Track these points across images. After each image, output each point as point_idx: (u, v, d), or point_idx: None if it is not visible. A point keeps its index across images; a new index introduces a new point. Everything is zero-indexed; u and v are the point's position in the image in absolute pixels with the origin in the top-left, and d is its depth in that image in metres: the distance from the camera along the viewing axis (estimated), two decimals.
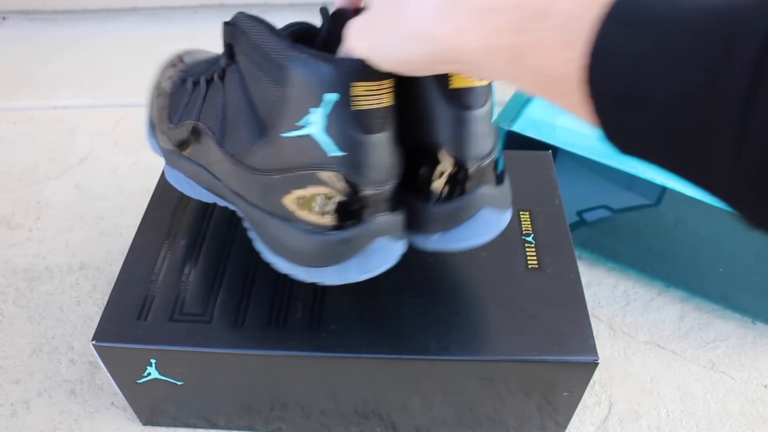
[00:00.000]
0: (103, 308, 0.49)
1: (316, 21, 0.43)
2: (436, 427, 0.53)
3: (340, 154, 0.35)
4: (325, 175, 0.36)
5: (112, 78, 1.04)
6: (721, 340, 0.64)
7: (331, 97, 0.33)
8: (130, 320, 0.48)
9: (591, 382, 0.50)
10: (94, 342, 0.47)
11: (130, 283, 0.51)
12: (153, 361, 0.48)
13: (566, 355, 0.45)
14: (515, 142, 0.65)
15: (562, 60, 0.23)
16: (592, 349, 0.45)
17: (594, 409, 0.58)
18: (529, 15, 0.23)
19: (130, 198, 0.80)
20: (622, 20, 0.21)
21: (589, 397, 0.59)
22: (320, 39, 0.39)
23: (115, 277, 0.51)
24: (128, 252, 0.53)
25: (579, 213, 0.68)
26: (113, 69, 1.07)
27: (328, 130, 0.34)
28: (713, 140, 0.20)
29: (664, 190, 0.61)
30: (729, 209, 0.21)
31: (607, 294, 0.68)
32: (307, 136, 0.35)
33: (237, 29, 0.38)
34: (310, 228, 0.38)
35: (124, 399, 0.53)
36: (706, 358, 0.62)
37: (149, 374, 0.49)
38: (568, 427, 0.54)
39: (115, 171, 0.85)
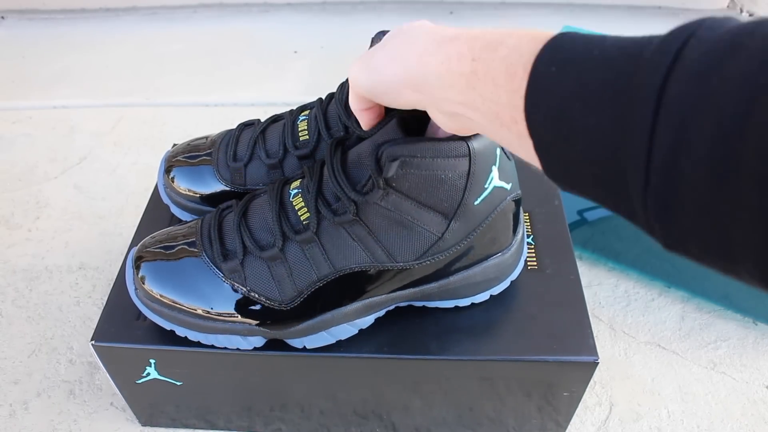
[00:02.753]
0: (103, 308, 0.49)
1: (316, 21, 0.43)
2: (436, 427, 0.53)
3: (513, 182, 0.43)
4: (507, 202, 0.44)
5: (111, 77, 1.04)
6: (723, 340, 0.64)
7: (496, 146, 0.39)
8: (130, 320, 0.48)
9: (591, 382, 0.50)
10: (93, 342, 0.46)
11: None
12: (152, 361, 0.48)
13: (566, 355, 0.45)
14: None
15: (509, 89, 0.25)
16: (592, 349, 0.45)
17: (595, 409, 0.58)
18: (484, 45, 0.26)
19: (130, 198, 0.80)
20: (553, 60, 0.23)
21: (589, 397, 0.59)
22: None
23: (115, 277, 0.51)
24: (127, 252, 0.53)
25: (580, 212, 0.68)
26: (113, 68, 1.07)
27: (500, 171, 0.41)
28: (626, 173, 0.21)
29: None
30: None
31: (608, 294, 0.68)
32: (494, 188, 0.41)
33: (404, 162, 0.37)
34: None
35: (124, 399, 0.53)
36: (707, 358, 0.62)
37: (148, 374, 0.49)
38: (569, 427, 0.54)
39: (115, 171, 0.85)
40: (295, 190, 0.43)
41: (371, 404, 0.51)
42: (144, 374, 0.49)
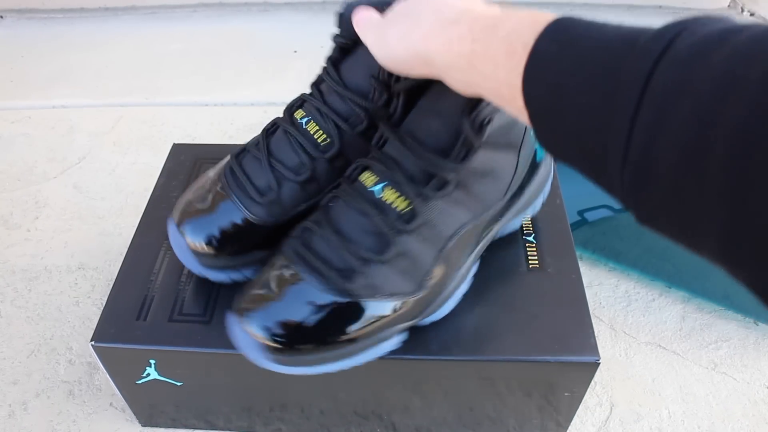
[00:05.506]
0: (102, 308, 0.48)
1: (316, 21, 0.43)
2: (437, 427, 0.53)
3: None
4: None
5: (110, 77, 1.04)
6: (723, 340, 0.63)
7: None
8: (130, 320, 0.47)
9: (592, 382, 0.50)
10: (93, 342, 0.46)
11: (129, 283, 0.50)
12: (152, 361, 0.48)
13: (567, 355, 0.45)
14: None
15: (507, 68, 0.27)
16: (594, 349, 0.45)
17: (595, 410, 0.58)
18: (484, 27, 0.28)
19: (129, 198, 0.80)
20: (554, 39, 0.25)
21: (590, 397, 0.58)
22: None
23: (114, 277, 0.51)
24: (127, 252, 0.53)
25: (580, 212, 0.67)
26: (112, 68, 1.06)
27: None
28: (608, 148, 0.23)
29: None
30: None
31: (609, 294, 0.68)
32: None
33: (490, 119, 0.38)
34: None
35: (123, 400, 0.53)
36: (707, 358, 0.62)
37: (148, 375, 0.49)
38: (569, 427, 0.54)
39: (114, 171, 0.84)
40: (379, 186, 0.41)
41: (371, 404, 0.51)
42: (144, 375, 0.49)
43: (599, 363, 0.45)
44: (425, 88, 0.41)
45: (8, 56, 1.10)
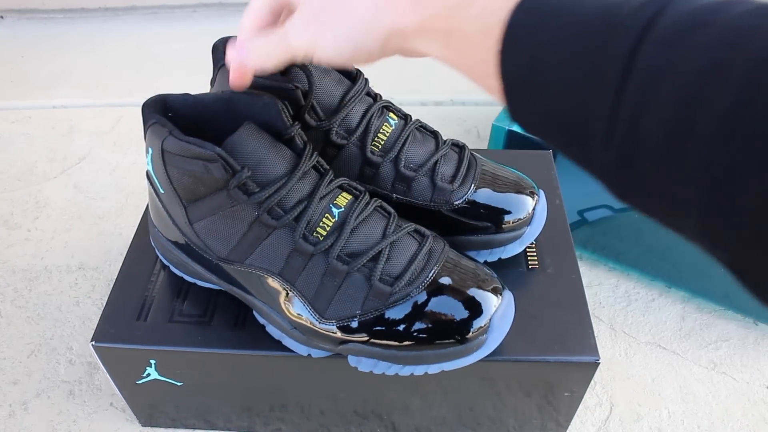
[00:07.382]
0: (102, 309, 0.49)
1: None
2: (437, 427, 0.53)
3: None
4: None
5: (110, 77, 1.04)
6: (723, 340, 0.64)
7: None
8: (130, 321, 0.47)
9: (592, 382, 0.50)
10: (93, 343, 0.46)
11: (129, 283, 0.50)
12: (152, 361, 0.48)
13: (567, 356, 0.45)
14: (516, 141, 0.64)
15: (483, 46, 0.26)
16: (593, 350, 0.45)
17: (595, 409, 0.58)
18: (456, 3, 0.27)
19: (129, 198, 0.80)
20: (531, 10, 0.25)
21: (590, 397, 0.59)
22: None
23: (115, 277, 0.51)
24: (127, 252, 0.53)
25: (580, 212, 0.67)
26: (112, 68, 1.06)
27: None
28: (591, 125, 0.23)
29: None
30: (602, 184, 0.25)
31: (608, 294, 0.68)
32: None
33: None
34: None
35: (123, 400, 0.53)
36: (707, 358, 0.62)
37: (149, 375, 0.49)
38: (569, 427, 0.54)
39: (114, 171, 0.84)
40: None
41: (371, 404, 0.51)
42: (144, 375, 0.49)
43: (599, 363, 0.45)
44: None
45: (8, 56, 1.10)
